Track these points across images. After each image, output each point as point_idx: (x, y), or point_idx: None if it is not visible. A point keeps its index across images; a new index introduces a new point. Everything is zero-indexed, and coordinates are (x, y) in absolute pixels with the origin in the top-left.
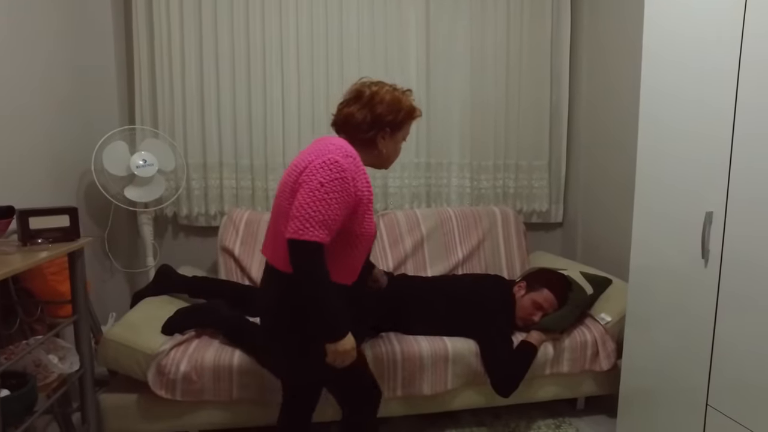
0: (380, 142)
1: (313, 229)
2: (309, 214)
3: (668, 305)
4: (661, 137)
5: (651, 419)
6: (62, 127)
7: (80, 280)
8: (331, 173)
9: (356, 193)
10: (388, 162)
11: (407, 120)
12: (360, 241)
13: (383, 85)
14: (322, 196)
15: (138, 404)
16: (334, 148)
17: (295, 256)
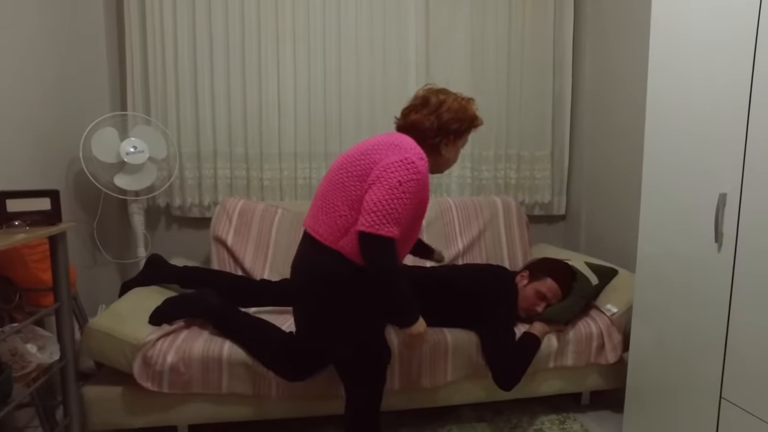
0: (443, 148)
1: (388, 225)
2: (386, 210)
3: (678, 294)
4: (669, 115)
5: (660, 414)
6: (48, 112)
7: (62, 266)
8: (408, 173)
9: (423, 194)
10: (446, 166)
11: (470, 128)
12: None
13: (450, 93)
14: (399, 194)
15: (123, 397)
16: (410, 148)
17: (367, 248)
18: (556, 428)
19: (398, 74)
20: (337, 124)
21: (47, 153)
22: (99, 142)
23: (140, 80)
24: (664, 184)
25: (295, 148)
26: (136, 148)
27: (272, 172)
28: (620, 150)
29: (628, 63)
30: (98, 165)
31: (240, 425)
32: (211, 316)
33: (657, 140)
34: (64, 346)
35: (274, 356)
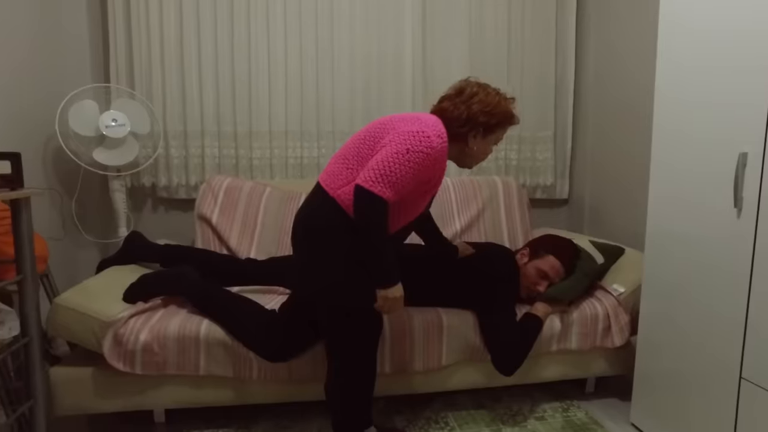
0: (470, 139)
1: (382, 185)
2: (385, 171)
3: (693, 270)
4: (681, 78)
5: (672, 400)
6: (23, 83)
7: (26, 235)
8: (419, 144)
9: (431, 172)
10: (474, 161)
11: (501, 125)
12: (401, 214)
13: (487, 88)
14: (403, 161)
15: (93, 379)
16: (431, 123)
17: (359, 202)
18: (559, 416)
19: (393, 53)
20: (330, 101)
21: (22, 128)
22: (77, 114)
23: (124, 54)
24: (675, 154)
25: (286, 126)
26: (116, 121)
27: (262, 151)
28: (626, 131)
29: (636, 45)
30: (76, 138)
31: (221, 411)
32: (190, 293)
33: (667, 108)
34: (28, 323)
35: (255, 334)
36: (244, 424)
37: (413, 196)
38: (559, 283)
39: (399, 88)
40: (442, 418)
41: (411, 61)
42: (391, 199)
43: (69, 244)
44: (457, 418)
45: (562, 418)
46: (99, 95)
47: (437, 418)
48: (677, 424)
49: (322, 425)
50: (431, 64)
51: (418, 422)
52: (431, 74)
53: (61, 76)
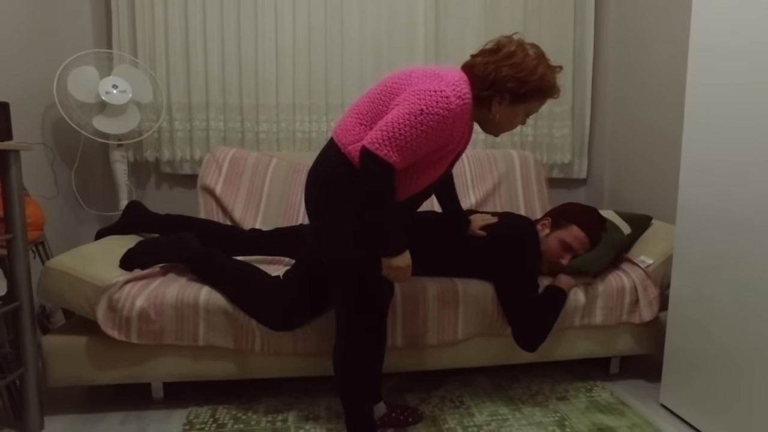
0: (495, 105)
1: (389, 148)
2: (394, 133)
3: (728, 241)
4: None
5: (705, 381)
6: (21, 49)
7: (15, 192)
8: (435, 105)
9: (448, 136)
10: (500, 129)
11: (537, 95)
12: (416, 178)
13: (527, 49)
14: (415, 123)
15: (88, 349)
16: (452, 82)
17: (364, 164)
18: (582, 396)
19: (405, 23)
20: (339, 73)
21: (18, 93)
22: (76, 79)
23: (126, 22)
24: (712, 112)
25: (294, 99)
26: (117, 87)
27: (269, 125)
28: (651, 105)
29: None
30: (75, 104)
31: (221, 387)
32: (189, 258)
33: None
34: (18, 286)
35: (257, 301)
36: (245, 401)
37: (429, 161)
38: (583, 255)
39: (411, 60)
40: (458, 397)
41: (423, 32)
42: (398, 165)
43: (69, 216)
44: (473, 397)
45: (586, 398)
46: (100, 62)
47: (452, 396)
48: (711, 406)
49: (330, 402)
50: (444, 35)
51: (432, 401)
52: (444, 46)
53: (60, 42)
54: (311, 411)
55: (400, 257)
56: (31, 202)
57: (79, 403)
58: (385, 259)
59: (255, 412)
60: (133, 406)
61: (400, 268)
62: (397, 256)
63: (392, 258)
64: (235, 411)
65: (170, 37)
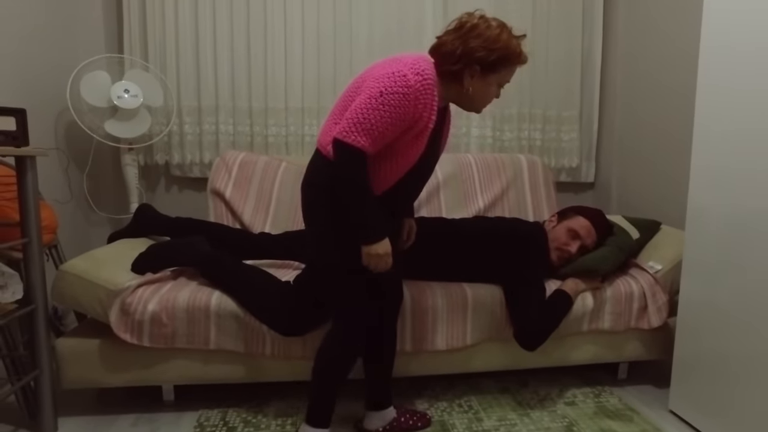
0: (466, 79)
1: (357, 134)
2: (359, 119)
3: (738, 247)
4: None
5: (715, 387)
6: (35, 53)
7: (30, 197)
8: (394, 85)
9: (414, 114)
10: (476, 103)
11: (505, 63)
12: (394, 160)
13: (489, 21)
14: (376, 105)
15: (101, 351)
16: (409, 62)
17: (337, 156)
18: (590, 401)
19: (413, 25)
20: (348, 77)
21: (33, 101)
22: (89, 84)
23: (138, 27)
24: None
25: (303, 102)
26: (128, 92)
27: (278, 128)
28: (660, 109)
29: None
30: (87, 108)
31: (231, 389)
32: (200, 263)
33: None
34: (33, 289)
35: (267, 306)
36: (255, 404)
37: (403, 142)
38: (592, 251)
39: None
40: (466, 402)
41: (431, 36)
42: (368, 148)
43: (80, 220)
44: (482, 402)
45: (594, 403)
46: (112, 66)
47: (460, 401)
48: (721, 413)
49: (338, 407)
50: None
51: (440, 405)
52: None
53: (73, 47)
54: None
55: (378, 244)
56: (44, 206)
57: (91, 405)
58: (365, 246)
59: (265, 416)
60: (144, 409)
61: (379, 256)
62: (376, 243)
63: (371, 245)
64: (245, 414)
65: (181, 41)
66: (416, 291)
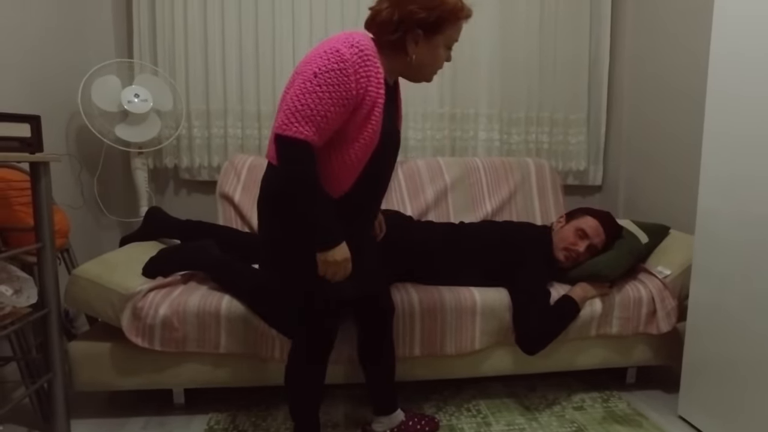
0: (410, 46)
1: (297, 124)
2: (296, 107)
3: (749, 252)
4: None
5: (724, 393)
6: (46, 61)
7: (44, 202)
8: (328, 63)
9: (358, 89)
10: (425, 71)
11: (448, 21)
12: (351, 147)
13: None
14: (313, 87)
15: (112, 355)
16: (342, 38)
17: (279, 152)
18: (599, 406)
19: None
20: None
21: (45, 105)
22: (99, 89)
23: (147, 32)
24: (734, 125)
25: None
26: (138, 96)
27: None
28: (668, 111)
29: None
30: (98, 113)
31: (241, 392)
32: (210, 268)
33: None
34: (46, 293)
35: (277, 311)
36: (265, 407)
37: (354, 125)
38: (601, 254)
39: None
40: (474, 406)
41: None
42: (312, 137)
43: (91, 223)
44: (490, 406)
45: (602, 408)
46: (122, 71)
47: (468, 405)
48: (731, 418)
49: (348, 410)
50: (459, 41)
51: (448, 409)
52: (459, 52)
53: (84, 52)
54: (329, 418)
55: (335, 250)
56: (56, 210)
57: (103, 408)
58: (320, 253)
59: (274, 419)
60: (154, 412)
61: (336, 263)
62: (332, 248)
63: (327, 251)
64: (254, 417)
65: (189, 45)
66: (425, 295)
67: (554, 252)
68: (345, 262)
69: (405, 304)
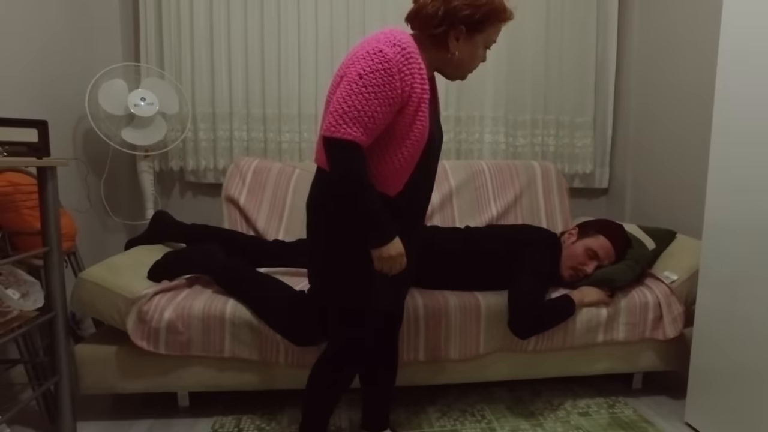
0: (452, 42)
1: (346, 125)
2: (343, 109)
3: (757, 257)
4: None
5: (732, 399)
6: (53, 66)
7: (51, 206)
8: (372, 63)
9: (403, 88)
10: (463, 69)
11: (491, 20)
12: (403, 145)
13: None
14: (359, 89)
15: (118, 358)
16: (383, 37)
17: (329, 154)
18: (604, 412)
19: None
20: None
21: (52, 109)
22: (106, 92)
23: (154, 36)
24: (743, 127)
25: (317, 109)
26: (144, 100)
27: (291, 135)
28: (676, 114)
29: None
30: (105, 116)
31: (245, 396)
32: (215, 271)
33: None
34: (53, 297)
35: (282, 316)
36: (269, 411)
37: (403, 123)
38: (608, 267)
39: None
40: (479, 411)
41: None
42: (360, 138)
43: (97, 226)
44: (494, 412)
45: (608, 414)
46: (129, 75)
47: (473, 410)
48: (738, 425)
49: (351, 414)
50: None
51: (453, 414)
52: None
53: (91, 56)
54: (333, 422)
55: (390, 245)
56: (64, 214)
57: (108, 411)
58: (375, 249)
59: (278, 423)
60: (159, 415)
61: (392, 257)
62: (388, 244)
63: (382, 247)
64: (259, 421)
65: (196, 49)
66: (429, 300)
67: (560, 268)
68: (400, 257)
69: (410, 308)
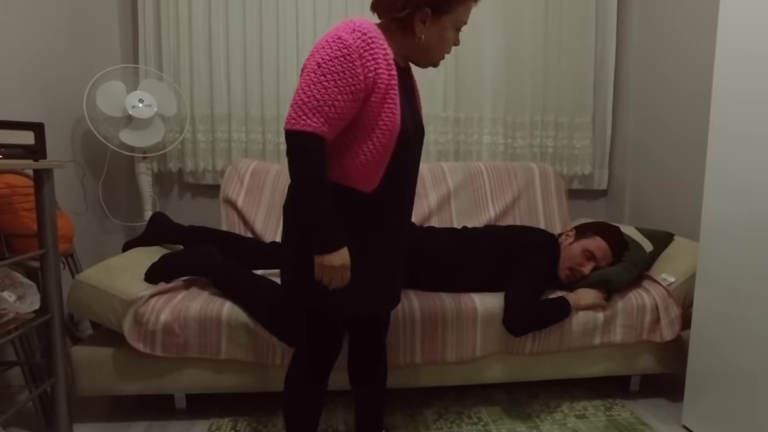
0: (418, 26)
1: (306, 117)
2: (303, 100)
3: (754, 260)
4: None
5: (729, 402)
6: (52, 67)
7: (47, 208)
8: (331, 51)
9: (366, 74)
10: (432, 54)
11: (457, 0)
12: (373, 135)
13: None
14: (317, 78)
15: (114, 360)
16: (342, 25)
17: (290, 148)
18: (602, 415)
19: None
20: None
21: (50, 110)
22: (104, 94)
23: (152, 37)
24: (740, 127)
25: None
26: (143, 102)
27: None
28: (675, 115)
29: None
30: (103, 118)
31: (242, 398)
32: (212, 273)
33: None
34: (50, 299)
35: (278, 318)
36: (266, 413)
37: (370, 112)
38: (605, 268)
39: (430, 71)
40: (475, 413)
41: None
42: (321, 129)
43: (95, 227)
44: (491, 414)
45: (605, 417)
46: (127, 76)
47: (470, 412)
48: (736, 428)
49: (347, 416)
50: (464, 43)
51: (449, 416)
52: (464, 54)
53: (89, 57)
54: (329, 424)
55: (335, 254)
56: (61, 215)
57: (105, 413)
58: (318, 256)
59: (275, 425)
60: (156, 417)
61: (334, 268)
62: (332, 252)
63: (325, 255)
64: (255, 423)
65: (194, 50)
66: (426, 302)
67: (558, 269)
68: (343, 269)
69: (406, 310)
